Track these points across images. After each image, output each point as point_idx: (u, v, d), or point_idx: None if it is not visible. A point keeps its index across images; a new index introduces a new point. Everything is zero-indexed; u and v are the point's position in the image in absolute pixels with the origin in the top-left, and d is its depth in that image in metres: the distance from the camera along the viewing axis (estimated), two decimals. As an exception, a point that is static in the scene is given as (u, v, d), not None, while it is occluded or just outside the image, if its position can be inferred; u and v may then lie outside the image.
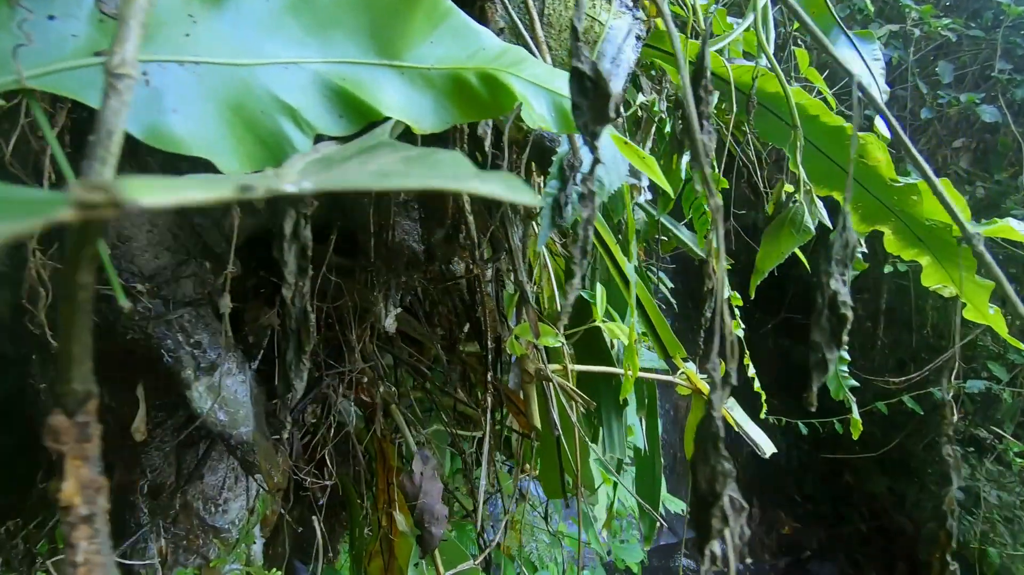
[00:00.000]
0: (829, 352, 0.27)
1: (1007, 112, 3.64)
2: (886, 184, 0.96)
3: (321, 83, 0.26)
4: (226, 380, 0.57)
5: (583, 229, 0.26)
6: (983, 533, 4.18)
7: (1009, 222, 1.04)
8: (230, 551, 0.67)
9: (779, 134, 1.01)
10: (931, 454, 4.85)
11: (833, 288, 0.25)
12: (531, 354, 0.65)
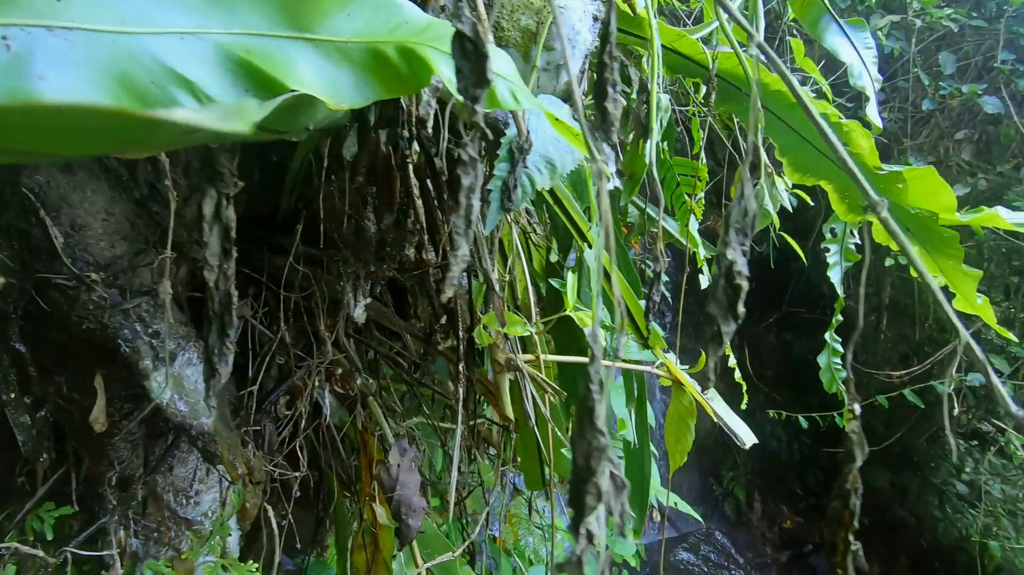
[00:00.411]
0: (726, 325, 0.26)
1: (1010, 103, 3.59)
2: (871, 172, 0.95)
3: (224, 55, 0.25)
4: (186, 370, 0.57)
5: (465, 197, 0.24)
6: (986, 526, 4.15)
7: (998, 211, 1.02)
8: (203, 543, 0.67)
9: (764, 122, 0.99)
10: (933, 448, 4.81)
11: (730, 258, 0.24)
12: (501, 344, 0.64)
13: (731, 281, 0.24)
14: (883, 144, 4.22)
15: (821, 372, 1.64)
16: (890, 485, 4.99)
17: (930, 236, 1.01)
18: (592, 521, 0.24)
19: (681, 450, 0.81)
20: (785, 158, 1.05)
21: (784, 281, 4.90)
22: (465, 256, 0.25)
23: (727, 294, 0.25)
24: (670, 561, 3.62)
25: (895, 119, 4.20)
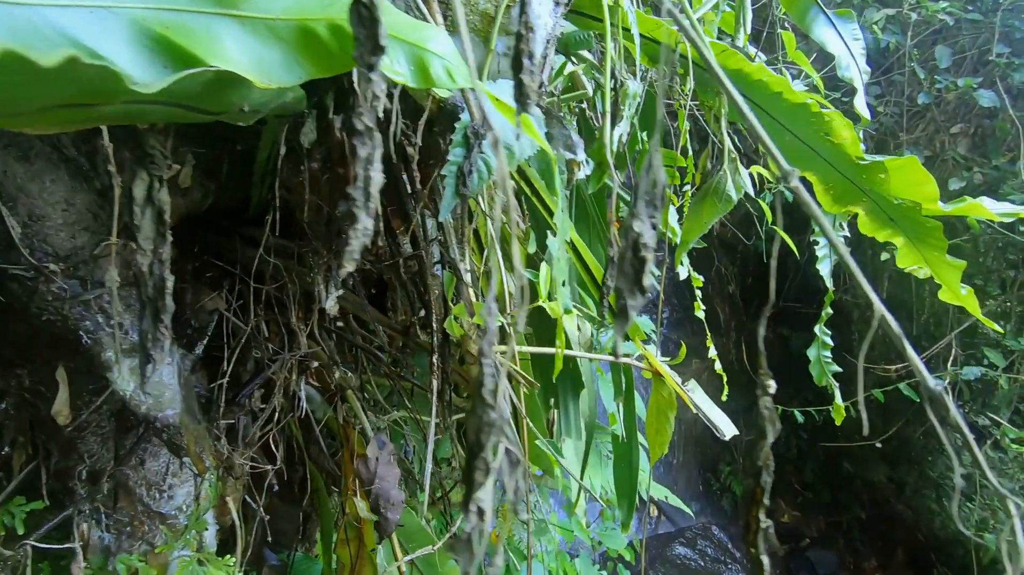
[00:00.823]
0: (631, 299, 0.25)
1: (1005, 96, 3.57)
2: (854, 163, 0.94)
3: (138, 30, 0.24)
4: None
5: (362, 168, 0.24)
6: (982, 519, 4.15)
7: (982, 201, 1.01)
8: (178, 537, 0.67)
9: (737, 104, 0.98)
10: (930, 442, 4.81)
11: (637, 230, 0.23)
12: (474, 335, 0.64)
13: (637, 253, 0.23)
14: (879, 138, 4.20)
15: (811, 366, 1.63)
16: (887, 479, 4.99)
17: (914, 226, 1.01)
18: (482, 496, 0.24)
19: (661, 442, 0.81)
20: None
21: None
22: (366, 230, 0.24)
23: (633, 266, 0.24)
24: (667, 556, 3.62)
25: (891, 113, 4.18)
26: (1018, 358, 3.33)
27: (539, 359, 0.87)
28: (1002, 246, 3.91)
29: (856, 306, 5.12)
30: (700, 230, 0.63)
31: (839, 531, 4.87)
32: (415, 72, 0.30)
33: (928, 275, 1.09)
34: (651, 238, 0.24)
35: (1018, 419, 3.60)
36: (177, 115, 0.25)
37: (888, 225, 1.06)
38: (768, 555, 0.30)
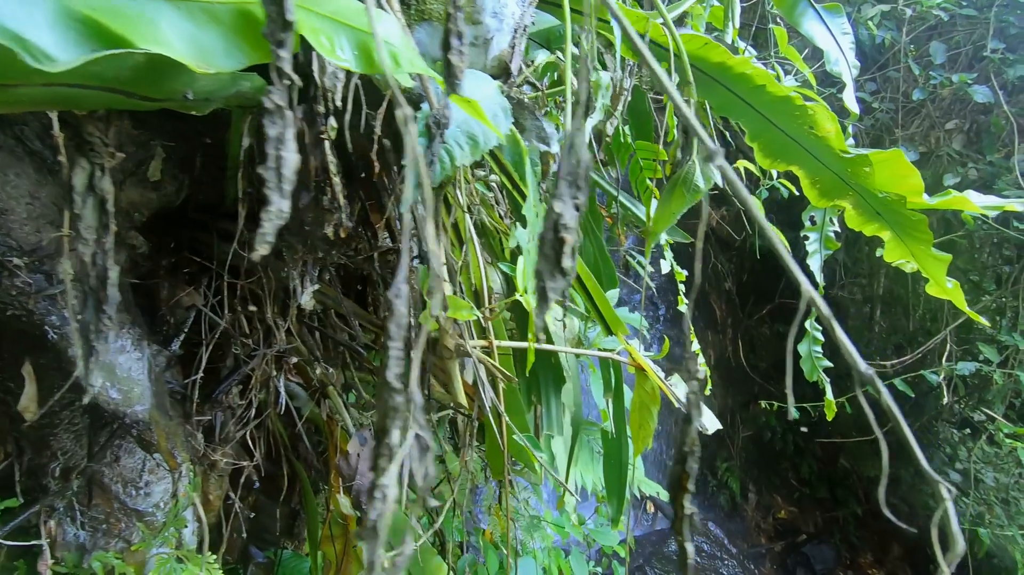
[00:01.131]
0: (552, 281, 0.24)
1: (999, 92, 3.56)
2: (838, 157, 0.93)
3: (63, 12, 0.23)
4: (119, 357, 0.55)
5: (273, 148, 0.23)
6: (979, 514, 4.15)
7: (968, 194, 1.01)
8: (156, 535, 0.66)
9: (732, 107, 0.98)
10: (927, 437, 4.81)
11: (558, 211, 0.23)
12: (450, 329, 0.63)
13: (557, 234, 0.23)
14: (875, 135, 4.19)
15: (802, 361, 1.63)
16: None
17: (899, 220, 1.00)
18: (387, 482, 0.23)
19: (644, 436, 0.80)
20: (755, 143, 1.03)
21: (778, 273, 4.90)
22: (281, 212, 0.24)
23: (554, 248, 0.23)
24: (663, 552, 3.62)
25: (886, 109, 4.17)
26: (1012, 353, 3.32)
27: (524, 355, 0.86)
28: (997, 242, 3.91)
29: (852, 302, 5.13)
30: (668, 221, 0.62)
31: (836, 526, 4.88)
32: (359, 57, 0.29)
33: (915, 269, 1.09)
34: (572, 219, 0.23)
35: (1012, 414, 3.60)
36: (115, 101, 0.24)
37: (875, 219, 1.05)
38: (692, 543, 0.29)
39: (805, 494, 5.18)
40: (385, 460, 0.23)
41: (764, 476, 5.25)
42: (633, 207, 1.15)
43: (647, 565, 3.46)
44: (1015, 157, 3.51)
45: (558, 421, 0.83)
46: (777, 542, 4.97)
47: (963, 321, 3.89)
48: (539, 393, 0.83)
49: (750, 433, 5.25)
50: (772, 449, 5.10)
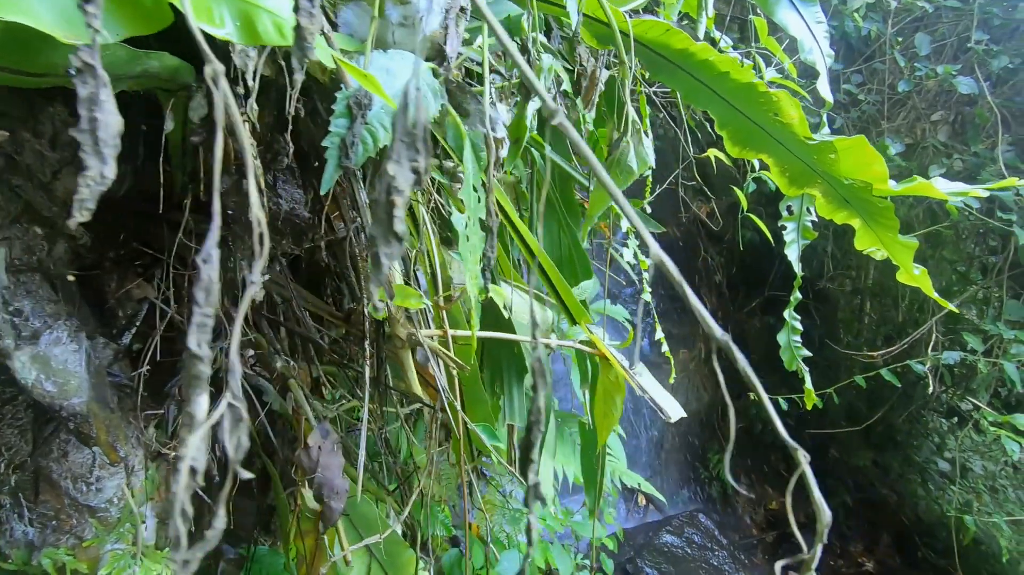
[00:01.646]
0: (385, 246, 0.23)
1: (984, 83, 3.57)
2: (803, 144, 0.92)
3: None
4: (54, 349, 0.54)
5: (85, 109, 0.22)
6: (967, 502, 4.19)
7: (936, 181, 1.00)
8: (110, 531, 0.65)
9: (698, 94, 0.97)
10: (916, 427, 4.84)
11: (391, 173, 0.22)
12: (401, 318, 0.62)
13: (389, 197, 0.22)
14: (861, 126, 4.20)
15: (782, 351, 1.63)
16: (873, 464, 5.03)
17: (867, 207, 1.00)
18: (188, 452, 0.22)
19: (608, 424, 0.80)
20: (724, 132, 1.02)
21: (767, 266, 4.91)
22: (101, 178, 0.23)
23: (386, 212, 0.22)
24: (654, 544, 3.63)
25: (872, 101, 4.17)
26: (996, 342, 3.34)
27: (491, 347, 0.86)
28: (983, 232, 3.92)
29: (842, 293, 5.14)
30: (604, 203, 0.61)
31: (826, 516, 4.91)
32: (241, 28, 0.28)
33: (885, 256, 1.08)
34: (406, 182, 0.22)
35: (997, 402, 3.62)
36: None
37: (844, 207, 1.05)
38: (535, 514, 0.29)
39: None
40: (186, 430, 0.22)
41: (755, 467, 5.28)
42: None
43: (638, 557, 3.47)
44: (999, 148, 3.52)
45: (520, 410, 0.83)
46: (769, 533, 5.00)
47: (949, 312, 3.90)
48: (502, 383, 0.82)
49: (742, 425, 5.27)
50: (763, 441, 5.12)
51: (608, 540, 2.65)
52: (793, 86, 1.67)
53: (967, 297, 4.03)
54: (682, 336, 4.99)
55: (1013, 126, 3.71)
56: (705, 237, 5.26)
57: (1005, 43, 3.74)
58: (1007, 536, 3.70)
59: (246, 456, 0.90)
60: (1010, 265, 3.61)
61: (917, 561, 4.48)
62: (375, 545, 1.07)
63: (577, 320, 0.81)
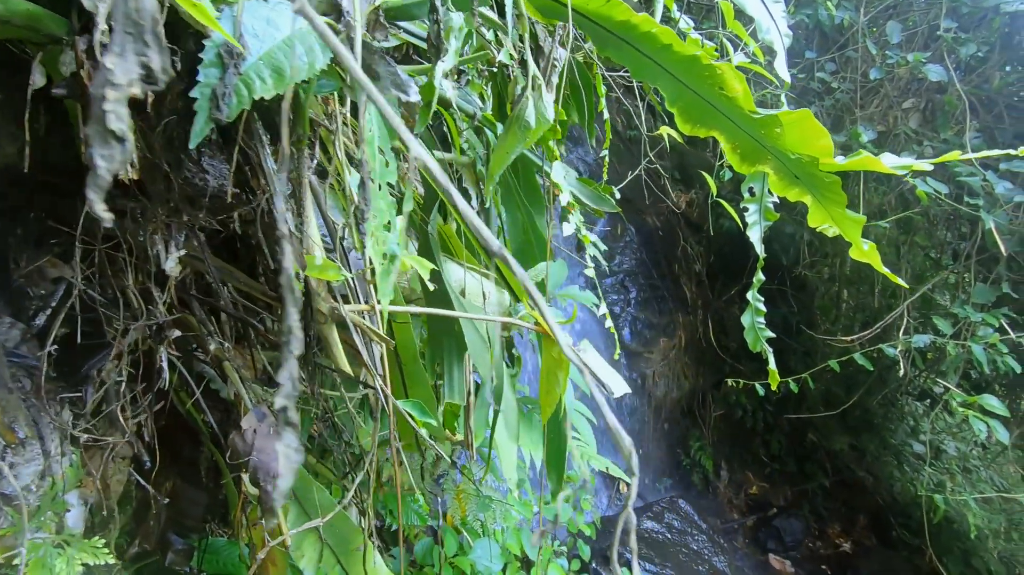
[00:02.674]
0: (102, 147, 0.21)
1: (953, 71, 3.60)
2: (749, 118, 0.91)
3: None
4: (-60, 327, 0.52)
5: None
6: (939, 482, 4.28)
7: (884, 156, 1.00)
8: (30, 519, 0.63)
9: (645, 69, 0.95)
10: (891, 410, 4.92)
11: (110, 66, 0.19)
12: (323, 292, 0.60)
13: (103, 91, 0.20)
14: (835, 115, 4.23)
15: (745, 332, 1.63)
16: (850, 447, 5.12)
17: (816, 183, 0.99)
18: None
19: (551, 402, 0.78)
20: (674, 108, 1.01)
21: (745, 254, 4.94)
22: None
23: (103, 108, 0.20)
24: (636, 530, 3.66)
25: (846, 89, 4.21)
26: (964, 326, 3.40)
27: (434, 327, 0.84)
28: (952, 218, 3.98)
29: (820, 280, 5.20)
30: (504, 161, 0.60)
31: (805, 499, 4.99)
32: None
33: (837, 233, 1.08)
34: (126, 75, 0.20)
35: (967, 384, 3.69)
36: None
37: (795, 183, 1.04)
38: None
39: (776, 469, 5.29)
40: None
41: (736, 453, 5.34)
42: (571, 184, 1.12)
43: (618, 543, 3.50)
44: (967, 134, 3.56)
45: (460, 390, 0.81)
46: (749, 517, 5.07)
47: (922, 297, 3.97)
48: (441, 361, 0.81)
49: (722, 412, 5.32)
50: (743, 427, 5.18)
51: (587, 527, 2.66)
52: (760, 70, 1.67)
53: (938, 282, 4.09)
54: (662, 325, 5.02)
55: (981, 113, 3.76)
56: (685, 227, 5.28)
57: (974, 31, 3.78)
58: (976, 514, 3.79)
59: (192, 444, 0.88)
60: (978, 250, 3.66)
61: (892, 540, 4.58)
62: (327, 532, 1.05)
63: (520, 298, 0.79)
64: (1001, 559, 4.33)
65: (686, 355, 5.12)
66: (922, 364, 4.15)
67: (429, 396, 0.77)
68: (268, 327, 0.81)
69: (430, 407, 0.74)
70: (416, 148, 0.25)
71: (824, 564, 4.71)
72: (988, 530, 4.43)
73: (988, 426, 3.03)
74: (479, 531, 2.16)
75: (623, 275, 5.01)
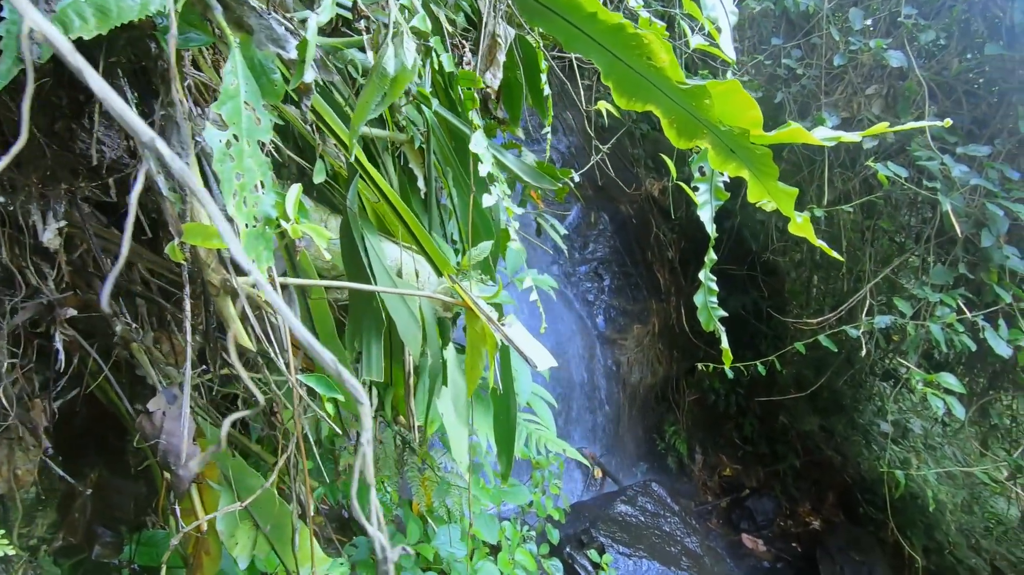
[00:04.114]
0: None
1: (912, 57, 3.66)
2: (678, 89, 0.90)
3: None
4: None
5: None
6: (905, 459, 4.40)
7: (817, 130, 1.00)
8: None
9: (575, 41, 0.93)
10: (857, 391, 5.04)
11: None
12: (212, 263, 0.57)
13: None
14: (803, 101, 4.26)
15: (698, 312, 1.63)
16: (819, 428, 5.23)
17: (750, 156, 0.98)
18: None
19: (475, 376, 0.77)
20: (610, 82, 0.99)
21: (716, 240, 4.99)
22: None
23: None
24: (608, 515, 3.69)
25: (812, 76, 4.24)
26: (924, 306, 3.47)
27: (355, 303, 0.81)
28: (913, 201, 4.06)
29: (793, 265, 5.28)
30: (366, 111, 0.57)
31: (776, 479, 5.10)
32: None
33: (774, 207, 1.08)
34: None
35: (927, 363, 3.79)
36: None
37: (731, 157, 1.04)
38: None
39: (748, 451, 5.39)
40: None
41: (710, 437, 5.42)
42: (500, 155, 1.10)
43: (592, 527, 3.52)
44: (926, 120, 3.63)
45: (377, 366, 0.79)
46: (723, 498, 5.16)
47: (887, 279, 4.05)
48: (359, 337, 0.78)
49: (695, 396, 5.39)
50: (716, 410, 5.26)
51: (555, 511, 2.67)
52: (718, 52, 1.66)
53: (901, 264, 4.18)
54: (636, 312, 5.05)
55: (940, 98, 3.82)
56: (658, 214, 5.30)
57: (933, 18, 3.84)
58: (935, 488, 3.91)
59: (117, 433, 0.83)
60: (937, 232, 3.74)
61: (859, 517, 4.70)
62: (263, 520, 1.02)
63: (443, 272, 0.77)
64: (961, 530, 4.48)
65: (660, 341, 5.16)
66: (885, 345, 4.25)
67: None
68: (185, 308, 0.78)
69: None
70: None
71: (794, 541, 4.83)
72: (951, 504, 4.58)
73: (946, 403, 3.11)
74: (445, 518, 2.15)
75: (597, 263, 5.02)
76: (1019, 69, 3.52)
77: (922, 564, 4.13)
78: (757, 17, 4.64)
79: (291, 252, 0.69)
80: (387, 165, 1.12)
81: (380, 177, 0.70)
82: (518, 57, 1.35)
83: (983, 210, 3.16)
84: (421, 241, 0.75)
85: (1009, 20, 3.39)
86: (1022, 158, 3.69)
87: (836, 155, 4.20)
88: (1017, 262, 3.21)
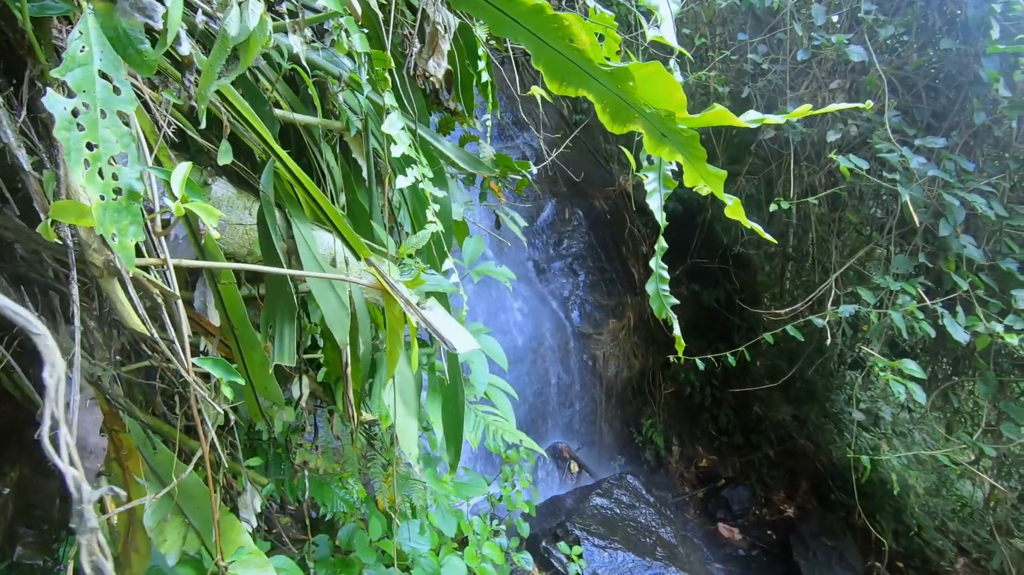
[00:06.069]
0: None
1: (873, 52, 3.72)
2: (602, 71, 0.90)
3: None
4: None
5: None
6: (875, 446, 4.49)
7: (749, 114, 1.01)
8: None
9: (501, 24, 0.92)
10: (829, 380, 5.12)
11: None
12: (94, 243, 0.55)
13: None
14: (770, 96, 4.32)
15: (651, 299, 1.64)
16: (792, 417, 5.32)
17: (680, 140, 0.99)
18: None
19: (393, 360, 0.76)
20: (539, 66, 0.98)
21: (689, 235, 5.03)
22: None
23: None
24: (583, 508, 3.70)
25: (778, 71, 4.30)
26: (886, 295, 3.54)
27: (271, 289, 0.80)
28: (877, 192, 4.14)
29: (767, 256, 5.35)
30: (212, 75, 0.56)
31: (751, 469, 5.17)
32: None
33: (708, 192, 1.09)
34: None
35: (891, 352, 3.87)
36: None
37: (664, 142, 1.04)
38: None
39: (724, 442, 5.45)
40: None
41: (686, 429, 5.48)
42: (436, 142, 1.09)
43: (568, 521, 3.53)
44: (887, 113, 3.69)
45: (289, 351, 0.78)
46: (700, 489, 5.21)
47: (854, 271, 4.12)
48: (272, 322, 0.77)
49: (672, 389, 5.44)
50: (692, 402, 5.31)
51: (525, 505, 2.67)
52: (671, 44, 1.66)
53: (865, 256, 4.26)
54: (611, 307, 5.08)
55: (900, 92, 3.90)
56: (631, 210, 5.33)
57: (893, 14, 3.91)
58: (900, 473, 3.99)
59: (36, 428, 0.80)
60: (898, 223, 3.81)
61: (831, 503, 4.79)
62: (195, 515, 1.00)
63: (360, 255, 0.76)
64: (928, 513, 4.59)
65: (635, 335, 5.19)
66: (852, 334, 4.33)
67: (264, 358, 0.73)
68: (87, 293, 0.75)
69: (261, 370, 0.70)
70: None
71: (769, 529, 4.90)
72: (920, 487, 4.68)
73: (907, 388, 3.18)
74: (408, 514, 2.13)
75: (572, 259, 5.03)
76: (973, 63, 3.60)
77: (891, 547, 4.22)
78: (725, 13, 4.68)
79: (196, 235, 0.67)
80: (326, 153, 1.10)
81: (292, 161, 0.69)
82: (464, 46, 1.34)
83: (941, 200, 3.23)
84: (336, 224, 0.74)
85: (964, 15, 3.47)
86: (978, 149, 3.78)
87: (803, 149, 4.25)
88: (973, 251, 3.29)
